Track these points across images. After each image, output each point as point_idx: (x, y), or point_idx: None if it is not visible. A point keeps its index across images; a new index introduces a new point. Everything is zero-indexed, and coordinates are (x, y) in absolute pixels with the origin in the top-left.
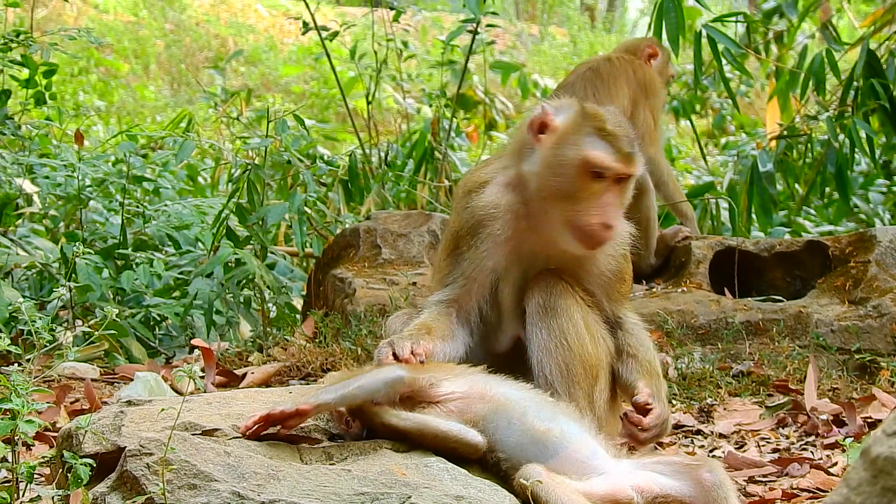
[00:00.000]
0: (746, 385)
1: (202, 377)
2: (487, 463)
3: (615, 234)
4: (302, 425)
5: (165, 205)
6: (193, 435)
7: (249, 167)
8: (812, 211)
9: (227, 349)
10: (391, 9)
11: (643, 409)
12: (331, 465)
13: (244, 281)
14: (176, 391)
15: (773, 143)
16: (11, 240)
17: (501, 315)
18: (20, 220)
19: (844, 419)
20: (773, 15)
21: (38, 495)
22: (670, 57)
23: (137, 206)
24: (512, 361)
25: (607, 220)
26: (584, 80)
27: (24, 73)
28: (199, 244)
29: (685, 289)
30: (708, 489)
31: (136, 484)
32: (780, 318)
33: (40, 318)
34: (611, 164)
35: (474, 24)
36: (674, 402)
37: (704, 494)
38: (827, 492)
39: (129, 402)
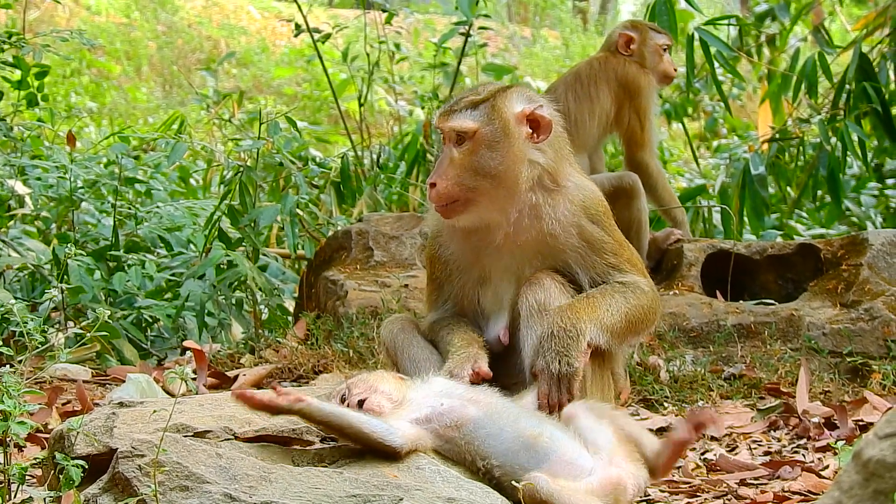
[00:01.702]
0: (738, 388)
1: (194, 379)
2: (478, 470)
3: (438, 193)
4: (293, 427)
5: (157, 206)
6: (185, 437)
7: (241, 169)
8: (804, 214)
9: (219, 351)
10: (383, 11)
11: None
12: (323, 467)
13: (236, 283)
14: (168, 393)
15: (765, 146)
16: (3, 241)
17: (488, 318)
18: (12, 222)
19: (836, 422)
20: (765, 18)
21: (30, 497)
22: (652, 33)
23: (129, 208)
24: (500, 362)
25: (432, 178)
26: (566, 86)
27: (17, 74)
28: (191, 246)
29: (677, 291)
30: None
31: (128, 485)
32: (772, 321)
33: (32, 320)
34: (433, 120)
35: (466, 27)
36: (665, 404)
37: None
38: (818, 495)
39: (121, 404)
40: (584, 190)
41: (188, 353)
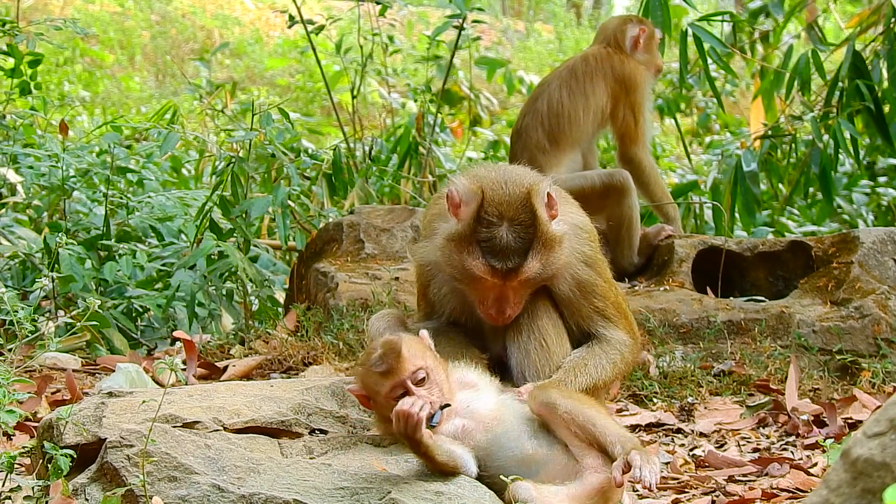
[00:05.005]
0: (727, 384)
1: (183, 369)
2: None
3: (511, 316)
4: (282, 419)
5: (149, 196)
6: (174, 427)
7: (233, 160)
8: (795, 211)
9: (209, 341)
10: (377, 3)
11: None
12: (311, 459)
13: (227, 273)
14: (157, 383)
15: (758, 142)
16: None
17: (487, 333)
18: (3, 210)
19: (825, 420)
20: (759, 14)
21: (19, 485)
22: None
23: (121, 198)
24: (501, 369)
25: (499, 313)
26: (560, 81)
27: (10, 62)
28: (183, 236)
29: (667, 287)
30: None
31: (117, 475)
32: (762, 318)
33: (22, 309)
34: (487, 277)
35: (460, 20)
36: (655, 400)
37: None
38: (807, 492)
39: (111, 394)
40: (581, 232)
41: (178, 344)
